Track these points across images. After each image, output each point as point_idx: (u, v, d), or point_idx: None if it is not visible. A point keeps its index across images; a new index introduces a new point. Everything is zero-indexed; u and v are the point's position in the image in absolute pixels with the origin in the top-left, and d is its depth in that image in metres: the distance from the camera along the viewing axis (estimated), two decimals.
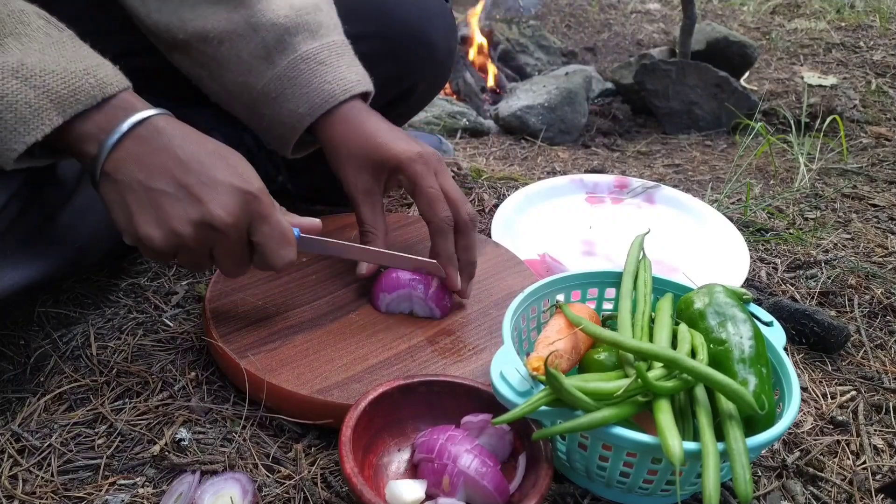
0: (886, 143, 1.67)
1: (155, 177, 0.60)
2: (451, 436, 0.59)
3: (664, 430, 0.52)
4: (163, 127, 0.61)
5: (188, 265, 0.66)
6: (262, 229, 0.64)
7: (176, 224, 0.60)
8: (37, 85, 0.56)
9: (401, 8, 0.95)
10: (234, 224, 0.61)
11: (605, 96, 2.17)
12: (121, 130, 0.59)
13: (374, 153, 0.76)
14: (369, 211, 0.78)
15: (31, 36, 0.59)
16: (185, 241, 0.61)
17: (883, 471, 0.70)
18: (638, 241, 0.76)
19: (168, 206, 0.60)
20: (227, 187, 0.61)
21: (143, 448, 0.65)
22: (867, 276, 1.03)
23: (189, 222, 0.60)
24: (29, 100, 0.56)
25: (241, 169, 0.64)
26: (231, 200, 0.61)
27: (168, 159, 0.60)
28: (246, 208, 0.62)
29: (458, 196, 0.77)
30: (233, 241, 0.63)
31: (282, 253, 0.65)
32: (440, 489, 0.57)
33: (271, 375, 0.67)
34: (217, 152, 0.64)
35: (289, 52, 0.75)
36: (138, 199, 0.60)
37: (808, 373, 0.83)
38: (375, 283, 0.78)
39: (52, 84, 0.57)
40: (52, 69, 0.58)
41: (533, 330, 0.72)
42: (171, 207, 0.60)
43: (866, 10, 2.88)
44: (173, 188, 0.60)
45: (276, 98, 0.76)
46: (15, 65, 0.56)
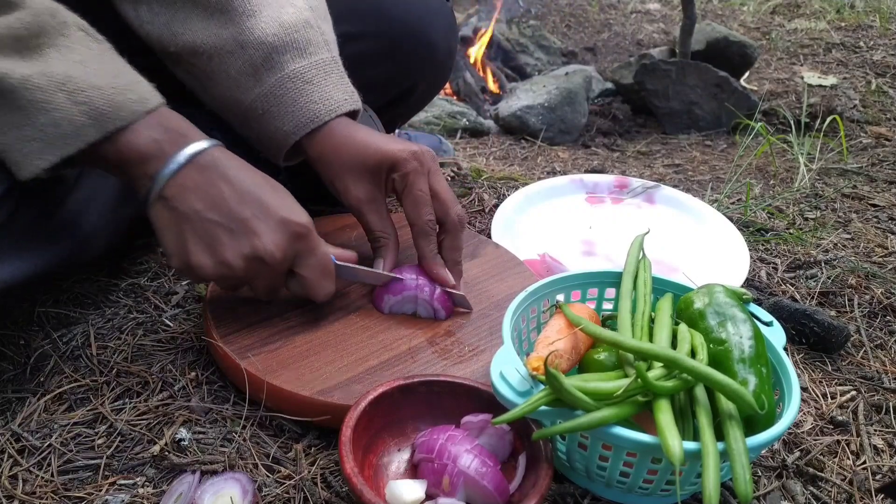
0: (886, 143, 1.67)
1: (212, 208, 0.63)
2: (451, 436, 0.59)
3: (664, 430, 0.52)
4: (220, 158, 0.65)
5: (226, 287, 0.69)
6: (308, 262, 0.67)
7: (229, 256, 0.63)
8: (80, 101, 0.58)
9: (401, 7, 0.95)
10: (282, 259, 0.65)
11: (605, 96, 2.17)
12: (180, 159, 0.62)
13: (370, 158, 0.76)
14: (377, 218, 0.78)
15: (73, 48, 0.60)
16: (235, 272, 0.64)
17: (883, 471, 0.70)
18: (638, 241, 0.76)
19: (223, 237, 0.63)
20: (279, 222, 0.64)
21: (143, 448, 0.65)
22: (867, 276, 1.03)
23: (241, 256, 0.63)
24: (73, 116, 0.58)
25: (291, 203, 0.67)
26: (283, 237, 0.64)
27: (225, 191, 0.63)
28: (295, 243, 0.66)
29: (448, 197, 0.78)
30: (278, 274, 0.66)
31: (324, 284, 0.69)
32: (440, 489, 0.57)
33: (271, 376, 0.67)
34: (269, 186, 0.67)
35: (276, 71, 0.75)
36: (194, 228, 0.63)
37: (808, 373, 0.83)
38: (378, 286, 0.78)
39: (96, 100, 0.59)
40: (97, 84, 0.59)
41: (533, 330, 0.72)
42: (227, 240, 0.63)
43: (866, 10, 2.88)
44: (228, 221, 0.63)
45: (262, 115, 0.77)
46: (62, 77, 0.58)
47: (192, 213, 0.63)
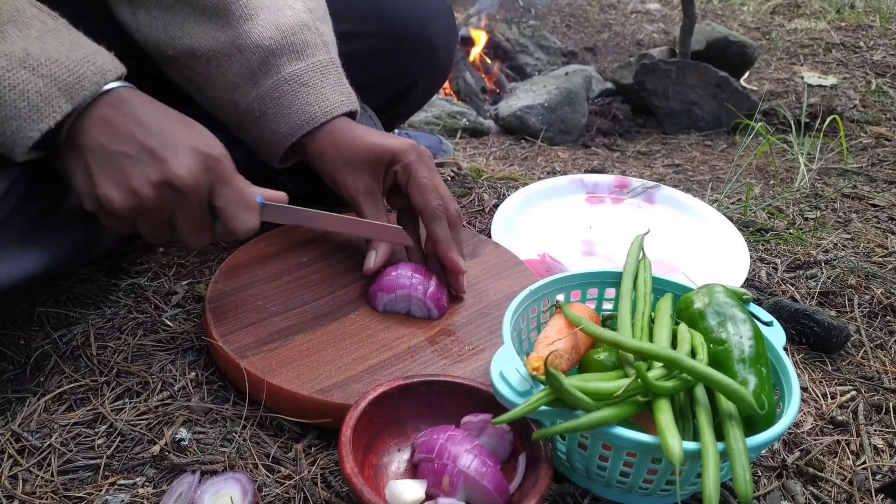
0: (886, 143, 1.67)
1: (117, 140, 0.61)
2: (451, 436, 0.59)
3: (664, 429, 0.52)
4: (128, 97, 0.63)
5: (149, 233, 0.66)
6: (223, 193, 0.65)
7: (136, 184, 0.61)
8: (44, 74, 0.58)
9: (401, 6, 0.95)
10: (195, 185, 0.62)
11: (605, 96, 2.17)
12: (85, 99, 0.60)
13: (370, 151, 0.76)
14: (373, 210, 0.78)
15: (28, 24, 0.60)
16: (145, 203, 0.61)
17: (883, 471, 0.70)
18: (638, 241, 0.76)
19: (129, 167, 0.61)
20: (189, 150, 0.62)
21: (143, 448, 0.65)
22: (867, 276, 1.03)
23: (149, 183, 0.61)
24: (39, 88, 0.57)
25: (205, 135, 0.65)
26: (193, 162, 0.62)
27: (131, 124, 0.61)
28: (208, 171, 0.63)
29: (446, 193, 0.79)
30: (194, 205, 0.63)
31: (243, 217, 0.66)
32: (440, 489, 0.57)
33: (271, 376, 0.67)
34: (181, 120, 0.65)
35: (273, 74, 0.75)
36: (98, 161, 0.61)
37: (808, 373, 0.83)
38: (373, 283, 0.78)
39: (58, 72, 0.58)
40: (56, 58, 0.59)
41: (533, 330, 0.72)
42: (132, 168, 0.61)
43: (866, 10, 2.88)
44: (135, 150, 0.61)
45: (259, 117, 0.77)
46: (21, 54, 0.58)
47: (96, 147, 0.61)
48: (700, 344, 0.61)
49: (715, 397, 0.57)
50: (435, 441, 0.59)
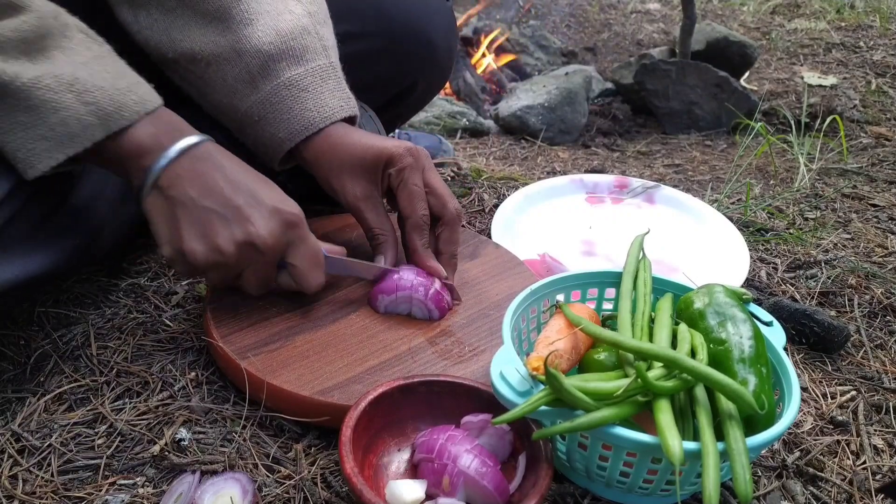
0: (886, 143, 1.67)
1: (206, 195, 0.64)
2: (451, 436, 0.59)
3: (664, 429, 0.52)
4: (214, 152, 0.66)
5: (216, 281, 0.69)
6: (299, 252, 0.69)
7: (221, 242, 0.64)
8: (88, 101, 0.59)
9: (401, 6, 0.95)
10: (273, 245, 0.66)
11: (605, 96, 2.17)
12: (176, 149, 0.64)
13: (366, 155, 0.77)
14: (374, 215, 0.78)
15: (76, 50, 0.61)
16: (227, 259, 0.65)
17: (883, 471, 0.70)
18: (638, 241, 0.76)
19: (217, 224, 0.64)
20: (271, 211, 0.66)
21: (144, 448, 0.65)
22: (867, 276, 1.03)
23: (234, 241, 0.64)
24: (81, 116, 0.59)
25: (282, 195, 0.68)
26: (275, 223, 0.66)
27: (220, 180, 0.65)
28: (286, 231, 0.67)
29: (444, 191, 0.78)
30: (270, 262, 0.67)
31: (315, 275, 0.70)
32: (440, 489, 0.57)
33: (271, 376, 0.67)
34: (261, 179, 0.68)
35: (272, 78, 0.76)
36: (188, 214, 0.64)
37: (808, 373, 0.83)
38: (375, 285, 0.78)
39: (101, 100, 0.60)
40: (101, 85, 0.60)
41: (533, 330, 0.72)
42: (220, 226, 0.64)
43: (866, 10, 2.88)
44: (222, 208, 0.64)
45: (258, 121, 0.78)
46: (69, 79, 0.59)
47: (186, 200, 0.63)
48: (700, 344, 0.61)
49: (715, 397, 0.57)
50: (435, 441, 0.59)
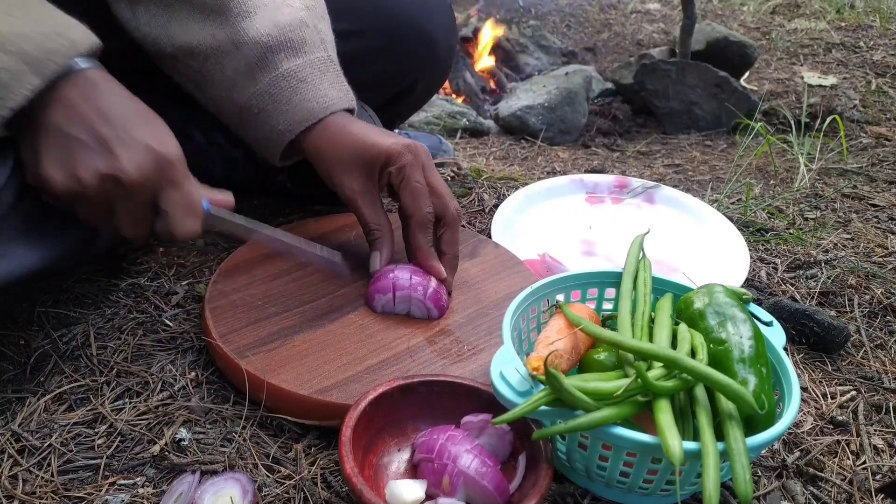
0: (886, 143, 1.67)
1: (74, 124, 0.60)
2: (451, 436, 0.59)
3: (664, 430, 0.52)
4: (96, 80, 0.61)
5: (85, 217, 0.65)
6: (171, 196, 0.64)
7: (81, 171, 0.60)
8: (11, 50, 0.56)
9: (401, 5, 0.95)
10: (141, 184, 0.61)
11: (605, 96, 2.17)
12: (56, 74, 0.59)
13: (365, 152, 0.76)
14: (371, 211, 0.78)
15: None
16: (87, 191, 0.60)
17: (883, 471, 0.70)
18: (638, 241, 0.76)
19: (79, 152, 0.60)
20: (143, 147, 0.61)
21: (143, 448, 0.65)
22: (867, 276, 1.03)
23: (96, 173, 0.60)
24: (7, 65, 0.56)
25: (163, 133, 0.64)
26: (144, 160, 0.61)
27: (91, 111, 0.60)
28: (158, 171, 0.62)
29: (445, 191, 0.78)
30: (138, 202, 0.63)
31: (186, 222, 0.65)
32: (440, 489, 0.57)
33: (271, 375, 0.67)
34: (143, 114, 0.64)
35: (270, 70, 0.75)
36: (49, 141, 0.60)
37: (808, 373, 0.83)
38: (371, 285, 0.78)
39: (27, 48, 0.57)
40: (23, 32, 0.57)
41: (533, 330, 0.72)
42: (81, 155, 0.60)
43: (866, 10, 2.88)
44: (88, 138, 0.60)
45: (258, 114, 0.77)
46: None
47: (51, 127, 0.60)
48: (700, 344, 0.61)
49: (715, 397, 0.57)
50: (435, 441, 0.59)
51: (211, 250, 0.96)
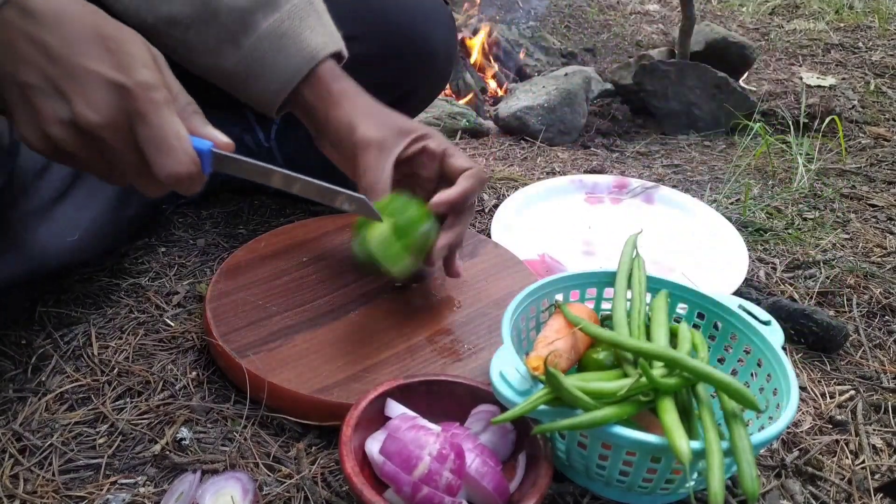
0: (885, 143, 1.68)
1: (22, 68, 0.51)
2: (454, 434, 0.59)
3: (671, 429, 0.52)
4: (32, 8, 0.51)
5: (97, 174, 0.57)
6: (139, 132, 0.53)
7: (46, 124, 0.52)
8: None
9: (400, 10, 0.95)
10: (104, 125, 0.51)
11: (605, 97, 2.17)
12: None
13: (398, 121, 0.75)
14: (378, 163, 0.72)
15: None
16: (63, 147, 0.53)
17: (882, 470, 0.70)
18: (631, 240, 0.76)
19: (37, 101, 0.51)
20: (97, 79, 0.51)
21: (145, 447, 0.65)
22: (866, 276, 1.03)
23: (58, 122, 0.52)
24: None
25: (121, 56, 0.52)
26: (100, 97, 0.51)
27: (34, 46, 0.51)
28: (120, 104, 0.52)
29: None
30: (116, 148, 0.53)
31: (161, 162, 0.53)
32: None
33: (272, 375, 0.67)
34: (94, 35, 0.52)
35: (251, 32, 0.74)
36: (12, 94, 0.52)
37: (806, 372, 0.83)
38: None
39: None
40: None
41: (532, 330, 0.73)
42: (40, 103, 0.51)
43: (865, 11, 2.88)
44: (40, 80, 0.51)
45: (245, 79, 0.76)
46: None
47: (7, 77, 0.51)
48: (700, 342, 0.61)
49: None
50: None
51: (212, 250, 0.96)
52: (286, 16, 0.75)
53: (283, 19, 0.75)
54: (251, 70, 0.76)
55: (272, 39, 0.74)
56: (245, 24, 0.74)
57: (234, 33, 0.75)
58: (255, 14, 0.74)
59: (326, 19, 0.78)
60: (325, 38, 0.77)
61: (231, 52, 0.75)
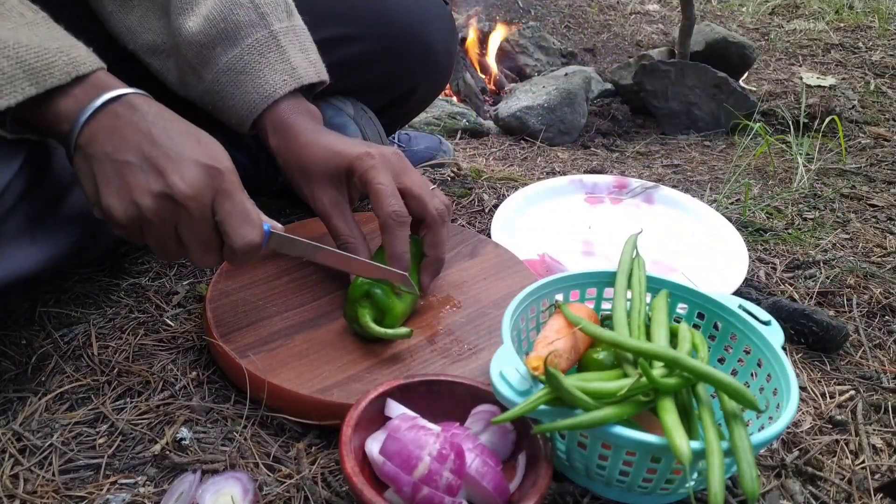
0: (885, 143, 1.68)
1: (122, 149, 0.60)
2: (454, 433, 0.59)
3: (671, 430, 0.52)
4: (138, 104, 0.62)
5: (156, 247, 0.64)
6: (224, 205, 0.62)
7: (136, 194, 0.60)
8: (10, 56, 0.57)
9: (400, 10, 0.95)
10: (193, 196, 0.60)
11: (605, 97, 2.17)
12: (94, 106, 0.60)
13: (328, 162, 0.75)
14: (342, 222, 0.77)
15: (5, 16, 0.60)
16: (146, 214, 0.60)
17: (882, 470, 0.70)
18: (631, 240, 0.76)
19: (131, 176, 0.60)
20: (191, 162, 0.61)
21: (145, 447, 0.65)
22: (866, 276, 1.03)
23: (150, 193, 0.59)
24: (2, 68, 0.56)
25: (211, 147, 0.63)
26: (194, 174, 0.60)
27: (138, 134, 0.60)
28: (209, 182, 0.61)
29: (422, 192, 0.75)
30: (196, 217, 0.61)
31: (242, 232, 0.62)
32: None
33: (272, 375, 0.67)
34: (189, 131, 0.63)
35: (211, 66, 0.76)
36: (104, 170, 0.60)
37: (806, 372, 0.83)
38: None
39: (26, 56, 0.58)
40: (26, 43, 0.58)
41: (532, 330, 0.73)
42: (134, 178, 0.60)
43: (865, 11, 2.88)
44: (139, 160, 0.60)
45: (212, 109, 0.78)
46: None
47: (102, 156, 0.60)
48: (700, 342, 0.61)
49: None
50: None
51: None
52: (245, 51, 0.75)
53: (241, 55, 0.75)
54: (214, 103, 0.78)
55: (231, 75, 0.75)
56: (204, 58, 0.75)
57: (195, 67, 0.76)
58: (214, 49, 0.75)
59: (291, 54, 0.77)
60: (284, 75, 0.76)
61: (195, 84, 0.77)
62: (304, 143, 0.76)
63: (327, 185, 0.76)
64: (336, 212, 0.76)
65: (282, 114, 0.77)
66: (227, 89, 0.75)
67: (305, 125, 0.77)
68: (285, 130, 0.77)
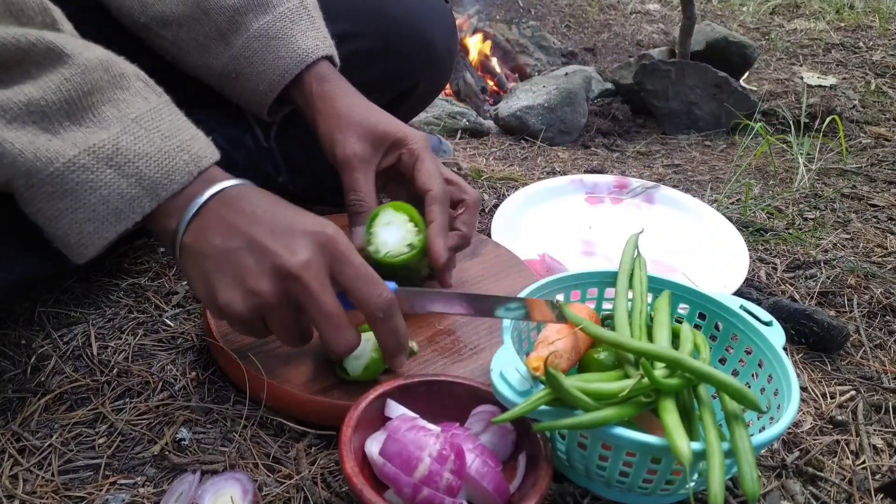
0: (886, 143, 1.67)
1: (230, 239, 0.58)
2: (454, 434, 0.59)
3: (671, 430, 0.52)
4: (237, 194, 0.60)
5: (283, 334, 0.62)
6: (345, 271, 0.59)
7: (251, 280, 0.57)
8: (130, 173, 0.56)
9: (401, 8, 0.95)
10: (306, 265, 0.57)
11: (605, 97, 2.16)
12: (198, 203, 0.59)
13: (377, 125, 0.76)
14: (363, 178, 0.76)
15: (129, 102, 0.58)
16: (266, 298, 0.57)
17: (882, 470, 0.70)
18: (632, 240, 0.76)
19: (243, 263, 0.57)
20: (299, 234, 0.58)
21: (144, 448, 0.65)
22: (866, 276, 1.03)
23: (264, 275, 0.57)
24: (122, 190, 0.56)
25: (317, 220, 0.61)
26: (303, 245, 0.58)
27: (242, 220, 0.58)
28: (321, 249, 0.58)
29: (460, 179, 0.79)
30: (314, 291, 0.57)
31: (375, 293, 0.60)
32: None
33: (272, 375, 0.67)
34: (293, 209, 0.62)
35: (241, 32, 0.75)
36: (216, 263, 0.58)
37: (807, 373, 0.83)
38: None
39: (146, 170, 0.56)
40: (146, 152, 0.57)
41: (532, 330, 0.73)
42: (246, 264, 0.57)
43: (866, 11, 2.88)
44: (247, 245, 0.58)
45: (236, 78, 0.77)
46: (110, 150, 0.55)
47: (211, 250, 0.58)
48: (702, 343, 0.61)
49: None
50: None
51: None
52: (278, 18, 0.75)
53: (274, 21, 0.75)
54: (241, 70, 0.76)
55: (263, 40, 0.75)
56: (236, 23, 0.75)
57: (225, 32, 0.75)
58: (246, 14, 0.75)
59: (319, 24, 0.78)
60: (316, 41, 0.77)
61: (221, 51, 0.76)
62: (350, 102, 0.77)
63: (365, 142, 0.76)
64: (362, 167, 0.76)
65: (311, 79, 0.76)
66: (258, 54, 0.75)
67: (347, 87, 0.78)
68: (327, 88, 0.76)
